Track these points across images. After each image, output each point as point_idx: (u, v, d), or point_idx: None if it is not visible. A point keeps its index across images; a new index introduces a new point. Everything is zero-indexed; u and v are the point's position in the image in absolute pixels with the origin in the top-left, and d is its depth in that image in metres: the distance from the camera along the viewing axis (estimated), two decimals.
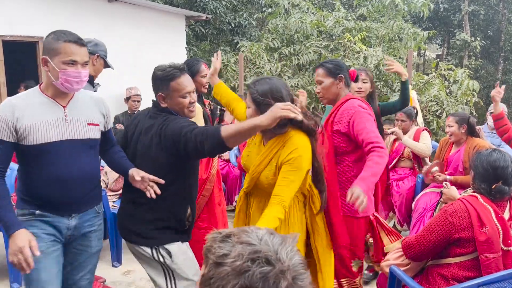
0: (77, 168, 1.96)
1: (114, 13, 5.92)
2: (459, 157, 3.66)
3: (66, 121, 1.95)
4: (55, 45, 1.88)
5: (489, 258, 1.99)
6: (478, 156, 2.15)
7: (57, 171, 1.92)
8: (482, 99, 8.80)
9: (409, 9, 8.08)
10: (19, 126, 1.86)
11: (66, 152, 1.93)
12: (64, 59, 1.87)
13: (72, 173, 1.95)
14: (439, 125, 6.41)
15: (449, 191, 3.20)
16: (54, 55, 1.88)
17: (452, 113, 3.81)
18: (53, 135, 1.91)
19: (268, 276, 0.81)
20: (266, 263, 0.83)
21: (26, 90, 2.05)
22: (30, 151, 1.89)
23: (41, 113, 1.91)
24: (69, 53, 1.88)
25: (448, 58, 14.78)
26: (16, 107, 1.88)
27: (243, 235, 0.88)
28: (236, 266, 0.83)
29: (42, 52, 1.94)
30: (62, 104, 1.96)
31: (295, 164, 1.94)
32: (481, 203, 2.05)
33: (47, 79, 1.93)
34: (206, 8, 8.86)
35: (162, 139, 1.97)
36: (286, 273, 0.82)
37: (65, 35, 1.90)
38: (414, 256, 2.15)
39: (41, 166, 1.91)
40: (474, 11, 14.82)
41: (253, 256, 0.83)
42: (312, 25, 7.47)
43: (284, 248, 0.86)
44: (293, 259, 0.85)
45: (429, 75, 7.04)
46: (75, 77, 1.90)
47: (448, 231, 2.02)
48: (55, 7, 5.36)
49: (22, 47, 5.81)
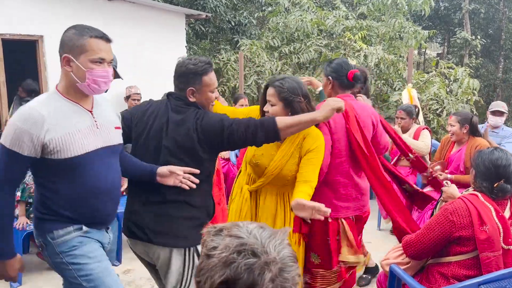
0: (111, 177, 1.81)
1: (114, 11, 5.91)
2: (460, 157, 3.64)
3: (97, 127, 1.76)
4: (80, 42, 1.66)
5: (489, 256, 1.99)
6: (480, 154, 2.14)
7: (96, 182, 1.74)
8: (483, 97, 8.79)
9: (409, 7, 8.06)
10: (48, 140, 1.62)
11: (101, 161, 1.76)
12: (91, 57, 1.67)
13: (109, 183, 1.79)
14: (440, 124, 6.40)
15: (449, 189, 3.19)
16: (80, 53, 1.66)
17: (455, 112, 3.78)
18: (88, 145, 1.71)
19: (253, 267, 0.84)
20: (252, 255, 0.85)
21: (30, 94, 1.92)
22: (64, 165, 1.68)
23: (71, 121, 1.69)
24: (97, 51, 1.68)
25: (449, 56, 14.76)
26: (45, 119, 1.62)
27: (234, 229, 0.92)
28: (222, 257, 0.86)
29: (62, 50, 1.70)
30: (87, 109, 1.77)
31: (319, 151, 2.17)
32: (481, 201, 2.05)
33: (67, 80, 1.70)
34: (206, 7, 8.84)
35: (199, 133, 1.92)
36: (271, 265, 0.85)
37: (89, 30, 1.68)
38: (414, 254, 2.14)
39: (79, 179, 1.71)
40: (475, 10, 14.80)
41: (239, 248, 0.86)
42: (313, 23, 7.46)
43: (272, 241, 0.89)
44: (281, 252, 0.88)
45: (430, 74, 7.03)
46: (103, 76, 1.70)
47: (449, 230, 2.02)
48: (55, 6, 5.35)
49: (22, 47, 5.80)
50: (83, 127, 1.71)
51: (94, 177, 1.74)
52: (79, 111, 1.73)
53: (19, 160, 1.63)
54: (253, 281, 0.83)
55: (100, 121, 1.78)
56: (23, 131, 1.59)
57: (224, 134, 1.90)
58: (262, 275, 0.84)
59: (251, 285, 0.83)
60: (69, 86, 1.72)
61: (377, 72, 7.12)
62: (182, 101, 1.99)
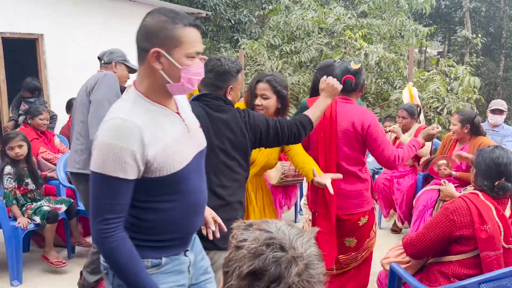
0: (204, 186, 1.54)
1: (114, 9, 5.91)
2: None
3: (188, 131, 1.46)
4: (174, 32, 1.31)
5: (490, 255, 1.98)
6: (480, 153, 2.13)
7: (196, 196, 1.48)
8: (483, 96, 8.77)
9: (410, 6, 8.04)
10: (151, 156, 1.30)
11: (197, 169, 1.48)
12: (188, 51, 1.34)
13: (204, 192, 1.53)
14: (440, 122, 6.39)
15: (447, 189, 3.18)
16: (174, 46, 1.32)
17: (458, 111, 3.75)
18: (188, 155, 1.43)
19: (280, 260, 0.87)
20: (280, 249, 0.89)
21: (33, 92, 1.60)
22: (165, 183, 1.37)
23: (166, 130, 1.37)
24: (193, 43, 1.35)
25: (449, 55, 14.74)
26: (142, 131, 1.29)
27: (263, 224, 0.96)
28: (251, 249, 0.89)
29: (149, 42, 1.32)
30: (175, 111, 1.45)
31: None
32: (482, 200, 2.04)
33: (153, 80, 1.36)
34: (205, 5, 8.83)
35: (249, 131, 1.95)
36: (298, 260, 0.88)
37: (182, 17, 1.34)
38: (415, 253, 2.14)
39: (180, 196, 1.42)
40: (475, 8, 14.77)
41: (268, 241, 0.90)
42: (313, 22, 7.45)
43: (300, 239, 0.92)
44: (308, 249, 0.91)
45: (430, 72, 7.01)
46: (199, 74, 1.40)
47: (449, 229, 2.01)
48: (55, 4, 5.35)
49: (22, 46, 5.80)
50: (178, 135, 1.40)
51: (194, 190, 1.46)
52: (169, 115, 1.41)
53: (125, 188, 1.29)
54: (280, 274, 0.86)
55: (189, 123, 1.48)
56: (123, 149, 1.25)
57: (270, 132, 1.97)
58: (289, 268, 0.87)
59: (278, 277, 0.86)
60: (155, 86, 1.37)
61: (377, 71, 7.11)
62: (222, 100, 1.99)
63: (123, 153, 1.25)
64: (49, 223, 3.28)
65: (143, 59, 1.36)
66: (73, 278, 3.34)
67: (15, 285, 3.21)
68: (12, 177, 3.29)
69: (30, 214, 3.30)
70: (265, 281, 0.87)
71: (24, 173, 3.37)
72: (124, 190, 1.30)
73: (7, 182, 3.27)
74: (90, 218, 1.32)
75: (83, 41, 5.60)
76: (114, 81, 3.01)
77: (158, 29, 1.32)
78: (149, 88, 1.37)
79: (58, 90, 5.42)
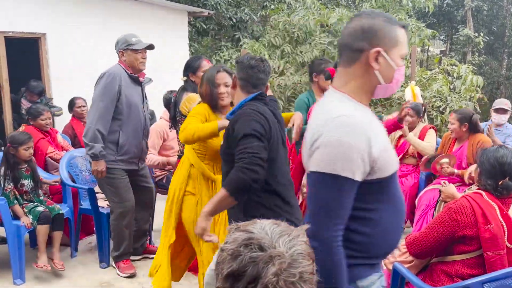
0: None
1: (115, 9, 5.91)
2: (462, 153, 3.64)
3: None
4: (392, 32, 1.29)
5: (493, 255, 1.98)
6: (484, 152, 2.13)
7: (399, 204, 1.38)
8: (486, 95, 8.76)
9: (413, 4, 8.01)
10: (375, 154, 1.24)
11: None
12: (402, 52, 1.33)
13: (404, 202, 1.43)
14: (443, 121, 6.37)
15: (447, 189, 3.17)
16: (392, 46, 1.29)
17: (455, 110, 3.78)
18: (395, 157, 1.38)
19: (257, 260, 0.86)
20: (258, 248, 0.87)
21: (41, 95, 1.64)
22: (379, 186, 1.29)
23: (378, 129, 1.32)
24: (405, 44, 1.34)
25: (452, 54, 14.71)
26: (368, 129, 1.24)
27: (248, 225, 0.94)
28: (229, 250, 0.89)
29: (367, 42, 1.28)
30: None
31: None
32: (485, 200, 2.04)
33: (364, 80, 1.31)
34: (207, 4, 8.82)
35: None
36: (276, 259, 0.86)
37: (393, 18, 1.33)
38: (418, 253, 2.13)
39: (391, 202, 1.34)
40: (478, 7, 14.72)
41: (246, 242, 0.89)
42: (316, 22, 7.43)
43: (283, 237, 0.90)
44: (292, 248, 0.88)
45: (433, 71, 6.99)
46: (403, 75, 1.37)
47: (452, 229, 2.00)
48: (56, 3, 5.35)
49: (24, 46, 5.81)
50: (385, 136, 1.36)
51: (399, 197, 1.37)
52: (373, 115, 1.36)
53: (352, 191, 1.22)
54: (257, 274, 0.85)
55: None
56: (352, 147, 1.19)
57: None
58: (265, 268, 0.85)
59: (256, 278, 0.85)
60: (365, 87, 1.32)
61: None
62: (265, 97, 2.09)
63: (353, 151, 1.19)
64: (39, 224, 3.25)
65: (354, 60, 1.31)
66: (76, 276, 3.36)
67: (18, 284, 3.21)
68: (9, 177, 3.30)
69: (26, 212, 3.30)
70: (243, 282, 0.85)
71: (21, 174, 3.37)
72: (351, 194, 1.22)
73: (6, 183, 3.28)
74: (315, 224, 1.19)
75: (84, 41, 5.60)
76: (111, 80, 3.10)
77: (377, 29, 1.28)
78: (357, 89, 1.32)
79: (60, 89, 5.43)
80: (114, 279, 3.32)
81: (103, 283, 3.28)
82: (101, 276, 3.36)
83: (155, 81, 3.85)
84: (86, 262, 3.58)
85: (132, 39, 3.23)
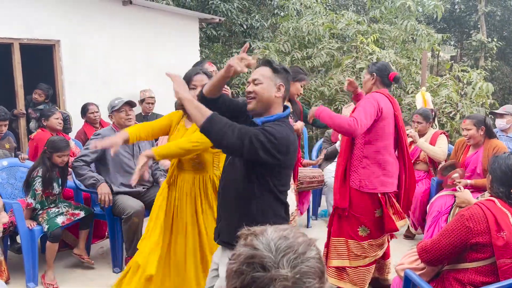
0: None
1: (129, 16, 5.98)
2: (477, 159, 3.60)
3: None
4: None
5: (506, 263, 1.96)
6: (496, 159, 2.12)
7: None
8: (498, 100, 8.65)
9: (422, 10, 7.99)
10: None
11: None
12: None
13: None
14: (453, 127, 6.33)
15: (463, 195, 3.16)
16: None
17: (468, 116, 3.73)
18: None
19: (259, 281, 0.84)
20: (261, 268, 0.85)
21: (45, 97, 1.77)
22: None
23: None
24: None
25: (464, 59, 14.58)
26: None
27: (255, 238, 0.91)
28: (233, 267, 0.89)
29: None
30: None
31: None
32: (498, 207, 2.02)
33: None
34: (217, 11, 8.89)
35: None
36: (277, 281, 0.83)
37: None
38: (430, 260, 2.12)
39: None
40: (491, 12, 14.59)
41: (249, 260, 0.87)
42: (325, 27, 7.45)
43: (288, 255, 0.86)
44: (296, 267, 0.85)
45: (443, 77, 6.95)
46: None
47: (465, 236, 1.99)
48: (70, 10, 5.44)
49: (39, 53, 5.91)
50: None
51: None
52: None
53: None
54: None
55: None
56: None
57: None
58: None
59: None
60: None
61: None
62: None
63: None
64: (49, 240, 3.26)
65: None
66: (88, 281, 3.39)
67: (31, 287, 3.26)
68: (42, 180, 3.31)
69: (44, 219, 3.30)
70: None
71: (53, 177, 3.39)
72: None
73: (38, 185, 3.29)
74: None
75: (97, 47, 5.69)
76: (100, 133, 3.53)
77: None
78: None
79: (74, 95, 5.51)
80: None
81: None
82: (113, 281, 3.38)
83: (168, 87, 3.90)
84: (98, 266, 3.62)
85: (115, 102, 3.55)
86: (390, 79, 2.93)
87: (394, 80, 2.93)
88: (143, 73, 6.06)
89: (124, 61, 5.94)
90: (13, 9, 5.04)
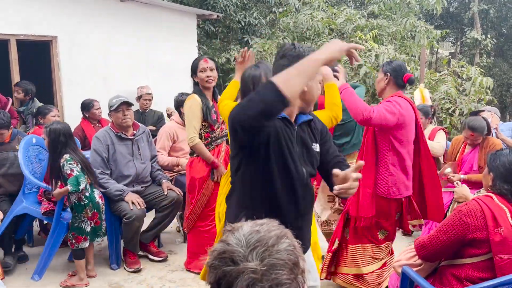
0: None
1: (126, 12, 5.96)
2: (473, 157, 3.63)
3: None
4: None
5: (503, 259, 1.96)
6: (498, 157, 2.11)
7: None
8: (496, 97, 8.67)
9: (421, 6, 7.98)
10: None
11: None
12: None
13: None
14: (452, 123, 6.34)
15: (461, 190, 3.17)
16: None
17: (472, 127, 3.60)
18: None
19: (228, 274, 0.89)
20: (231, 262, 0.89)
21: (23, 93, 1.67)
22: None
23: None
24: None
25: (460, 56, 14.59)
26: None
27: (230, 233, 0.95)
28: (209, 262, 0.93)
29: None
30: None
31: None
32: (496, 203, 2.02)
33: None
34: (216, 7, 8.86)
35: None
36: (245, 273, 0.87)
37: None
38: (427, 256, 2.13)
39: None
40: (484, 10, 14.59)
41: (221, 255, 0.91)
42: (323, 23, 7.44)
43: (257, 248, 0.90)
44: (265, 260, 0.88)
45: (442, 73, 6.95)
46: None
47: (462, 232, 2.00)
48: (68, 7, 5.42)
49: (36, 49, 5.89)
50: None
51: None
52: None
53: None
54: (230, 287, 0.88)
55: None
56: None
57: None
58: (237, 281, 0.87)
59: None
60: None
61: None
62: None
63: None
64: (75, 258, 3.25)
65: None
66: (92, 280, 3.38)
67: (36, 280, 3.32)
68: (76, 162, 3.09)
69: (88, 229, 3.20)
70: None
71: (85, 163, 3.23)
72: None
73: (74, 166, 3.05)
74: None
75: (95, 43, 5.66)
76: (99, 137, 3.54)
77: None
78: None
79: (71, 91, 5.49)
80: (124, 280, 3.35)
81: (113, 284, 3.31)
82: (111, 278, 3.40)
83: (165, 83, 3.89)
84: (96, 263, 3.61)
85: (113, 101, 3.52)
86: (404, 80, 2.80)
87: (408, 81, 2.80)
88: (140, 69, 6.05)
89: (121, 57, 5.92)
90: (10, 4, 5.02)
